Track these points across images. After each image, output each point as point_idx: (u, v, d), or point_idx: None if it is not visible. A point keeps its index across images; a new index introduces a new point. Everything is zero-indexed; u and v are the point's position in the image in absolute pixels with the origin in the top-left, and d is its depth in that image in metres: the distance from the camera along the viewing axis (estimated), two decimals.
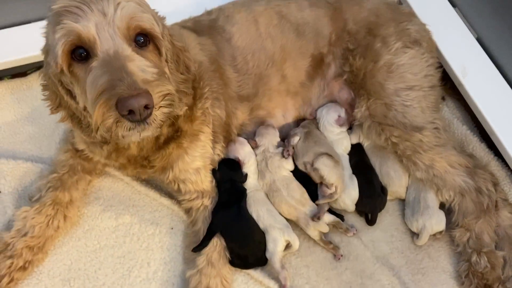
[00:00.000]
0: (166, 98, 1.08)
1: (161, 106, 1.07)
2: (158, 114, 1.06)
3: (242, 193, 1.54)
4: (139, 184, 1.65)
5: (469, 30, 1.80)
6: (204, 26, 1.63)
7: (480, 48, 1.75)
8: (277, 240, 1.44)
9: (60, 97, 1.23)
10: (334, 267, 1.49)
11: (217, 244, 1.44)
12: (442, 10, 1.86)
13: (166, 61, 1.24)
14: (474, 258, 1.43)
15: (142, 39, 1.14)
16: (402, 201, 1.60)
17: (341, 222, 1.52)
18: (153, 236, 1.57)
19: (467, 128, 1.72)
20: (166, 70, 1.21)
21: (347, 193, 1.53)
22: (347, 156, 1.64)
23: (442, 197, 1.51)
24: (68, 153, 1.60)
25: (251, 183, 1.57)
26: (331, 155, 1.57)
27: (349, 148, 1.66)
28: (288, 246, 1.47)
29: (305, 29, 1.67)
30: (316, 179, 1.56)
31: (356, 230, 1.53)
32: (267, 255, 1.45)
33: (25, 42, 1.75)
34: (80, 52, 1.09)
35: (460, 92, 1.71)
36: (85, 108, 1.18)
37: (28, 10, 1.85)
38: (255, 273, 1.46)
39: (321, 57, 1.69)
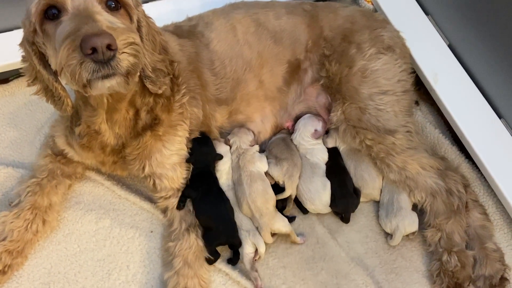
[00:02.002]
0: (130, 46, 1.09)
1: (125, 52, 1.07)
2: (122, 59, 1.07)
3: (211, 172, 1.58)
4: (119, 188, 1.67)
5: (441, 37, 1.86)
6: (184, 31, 1.67)
7: (452, 55, 1.80)
8: (243, 241, 1.47)
9: (35, 69, 1.26)
10: (310, 268, 1.53)
11: (192, 244, 1.46)
12: (416, 18, 1.92)
13: (139, 30, 1.27)
14: (445, 257, 1.47)
15: (114, 4, 1.18)
16: (377, 203, 1.65)
17: (292, 234, 1.53)
18: (132, 240, 1.59)
19: (440, 131, 1.77)
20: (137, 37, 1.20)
21: (319, 198, 1.56)
22: (324, 166, 1.66)
23: (414, 198, 1.55)
24: (48, 158, 1.62)
25: (223, 183, 1.60)
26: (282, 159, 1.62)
27: (326, 158, 1.68)
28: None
29: (282, 36, 1.71)
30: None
31: (305, 238, 1.57)
32: (241, 256, 1.48)
33: (7, 49, 1.76)
34: (53, 12, 1.13)
35: (432, 97, 1.77)
36: (56, 74, 1.19)
37: (9, 17, 1.87)
38: (233, 274, 1.49)
39: (298, 63, 1.73)
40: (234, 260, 1.50)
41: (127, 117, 1.40)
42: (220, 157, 1.62)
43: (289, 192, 1.58)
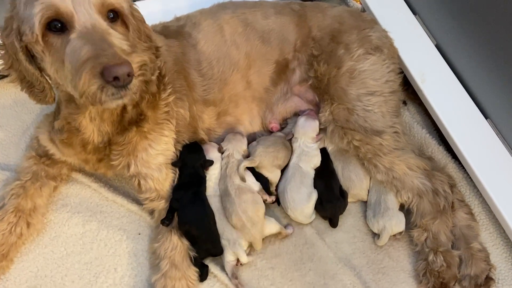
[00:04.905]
0: (142, 67, 1.19)
1: (139, 75, 1.17)
2: (136, 81, 1.16)
3: (202, 178, 1.57)
4: (106, 190, 1.66)
5: (429, 37, 1.86)
6: (171, 31, 1.67)
7: (439, 55, 1.81)
8: (225, 250, 1.48)
9: (13, 59, 1.26)
10: (298, 269, 1.53)
11: (177, 245, 1.46)
12: (403, 18, 1.92)
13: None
14: (431, 257, 1.48)
15: (112, 15, 1.22)
16: (364, 203, 1.65)
17: (282, 231, 1.55)
18: (120, 242, 1.58)
19: (427, 131, 1.78)
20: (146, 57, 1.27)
21: (301, 209, 1.56)
22: (313, 173, 1.64)
23: (401, 198, 1.56)
24: (31, 159, 1.60)
25: (210, 187, 1.59)
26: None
27: (318, 165, 1.66)
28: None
29: (270, 36, 1.70)
30: None
31: (293, 227, 1.58)
32: (224, 262, 1.49)
33: None
34: (55, 24, 1.15)
35: (419, 97, 1.78)
36: (41, 69, 1.24)
37: None
38: (221, 276, 1.49)
39: (286, 63, 1.73)
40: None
41: (115, 112, 1.40)
42: (210, 163, 1.61)
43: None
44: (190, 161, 1.57)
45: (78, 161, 1.54)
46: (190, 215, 1.48)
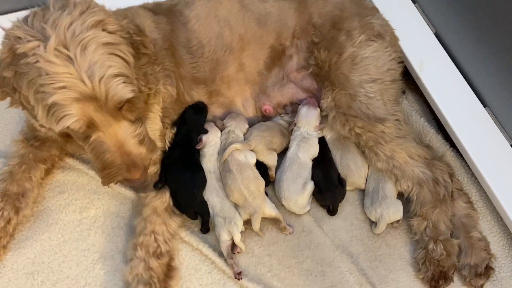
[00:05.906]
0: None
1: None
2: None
3: (192, 141, 1.61)
4: None
5: (428, 25, 1.85)
6: (163, 9, 1.65)
7: (438, 43, 1.80)
8: (220, 229, 1.49)
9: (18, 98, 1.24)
10: (296, 256, 1.54)
11: (161, 197, 1.50)
12: (402, 5, 1.91)
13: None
14: (430, 246, 1.48)
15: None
16: (362, 191, 1.65)
17: (281, 220, 1.54)
18: (117, 229, 1.58)
19: (425, 120, 1.78)
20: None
21: (295, 200, 1.56)
22: (311, 165, 1.63)
23: (401, 187, 1.55)
24: (19, 143, 1.59)
25: (206, 164, 1.60)
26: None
27: (315, 155, 1.66)
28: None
29: (267, 20, 1.68)
30: None
31: (293, 229, 1.57)
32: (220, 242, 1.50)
33: None
34: None
35: (418, 85, 1.77)
36: None
37: None
38: (219, 262, 1.49)
39: (282, 48, 1.71)
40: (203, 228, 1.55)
41: None
42: (205, 131, 1.63)
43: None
44: (191, 121, 1.61)
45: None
46: (175, 175, 1.53)
